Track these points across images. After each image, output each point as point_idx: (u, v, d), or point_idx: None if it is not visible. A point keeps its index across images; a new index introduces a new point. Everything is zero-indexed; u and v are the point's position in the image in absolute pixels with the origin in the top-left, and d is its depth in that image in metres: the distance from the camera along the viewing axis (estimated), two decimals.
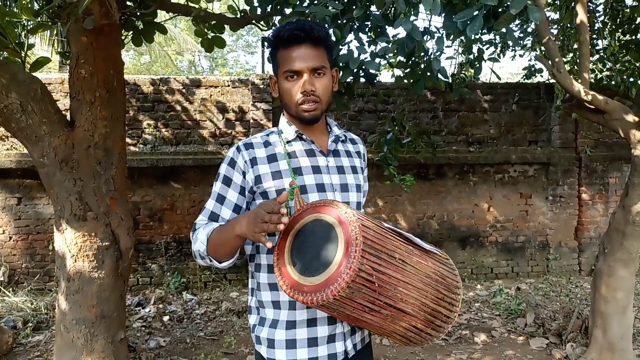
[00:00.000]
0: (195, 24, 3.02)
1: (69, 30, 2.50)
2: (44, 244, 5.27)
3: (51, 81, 5.26)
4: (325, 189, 1.28)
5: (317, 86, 1.25)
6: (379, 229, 1.09)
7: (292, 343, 1.23)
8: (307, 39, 1.23)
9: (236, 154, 1.28)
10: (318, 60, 1.24)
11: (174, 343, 3.89)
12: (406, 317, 1.09)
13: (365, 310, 1.04)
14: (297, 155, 1.30)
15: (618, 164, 5.97)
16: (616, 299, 3.18)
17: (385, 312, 1.06)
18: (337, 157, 1.35)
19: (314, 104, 1.25)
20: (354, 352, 1.30)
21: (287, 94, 1.27)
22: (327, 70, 1.28)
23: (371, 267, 1.00)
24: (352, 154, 1.41)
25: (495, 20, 2.17)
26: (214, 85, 5.62)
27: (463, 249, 5.89)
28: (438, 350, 3.67)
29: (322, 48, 1.26)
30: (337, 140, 1.37)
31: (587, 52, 3.12)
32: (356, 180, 1.36)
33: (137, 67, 15.45)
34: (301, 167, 1.28)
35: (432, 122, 5.91)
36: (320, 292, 0.99)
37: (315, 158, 1.31)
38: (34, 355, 3.60)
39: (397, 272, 1.05)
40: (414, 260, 1.11)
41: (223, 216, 1.27)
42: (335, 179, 1.31)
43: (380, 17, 2.57)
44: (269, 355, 1.25)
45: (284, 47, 1.25)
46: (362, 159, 1.45)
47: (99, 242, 2.59)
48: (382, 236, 1.07)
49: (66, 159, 2.51)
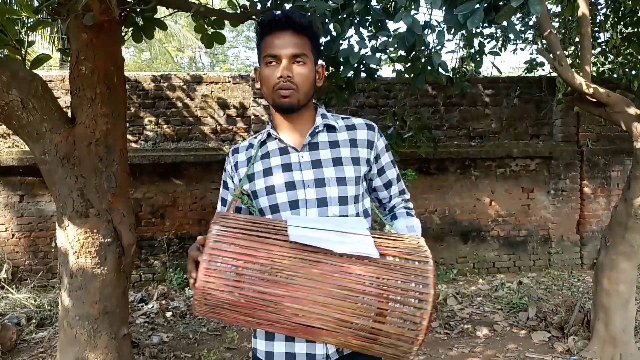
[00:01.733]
0: (195, 20, 3.01)
1: (68, 27, 2.49)
2: (46, 241, 5.29)
3: (52, 78, 5.26)
4: (295, 187, 1.25)
5: (295, 73, 1.22)
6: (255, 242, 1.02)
7: (270, 335, 1.24)
8: (289, 26, 1.22)
9: (227, 160, 1.38)
10: (298, 48, 1.22)
11: (177, 339, 3.91)
12: (324, 332, 1.01)
13: (252, 324, 1.05)
14: (270, 155, 1.30)
15: (620, 157, 5.95)
16: (618, 292, 3.18)
17: (281, 326, 1.02)
18: (315, 151, 1.28)
19: (289, 90, 1.22)
20: (337, 355, 1.22)
21: (265, 79, 1.25)
22: (309, 60, 1.25)
23: (226, 285, 0.99)
24: (344, 143, 1.30)
25: (496, 13, 2.16)
26: (215, 81, 5.62)
27: (465, 243, 5.89)
28: (440, 345, 3.68)
29: (304, 37, 1.24)
30: (315, 133, 1.30)
31: (588, 45, 3.11)
32: (339, 172, 1.26)
33: (138, 64, 15.43)
34: (272, 167, 1.28)
35: (433, 117, 5.90)
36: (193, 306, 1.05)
37: (288, 155, 1.29)
38: (37, 351, 3.62)
39: (277, 287, 0.98)
40: (316, 272, 1.00)
41: None
42: (308, 174, 1.26)
43: (381, 11, 2.56)
44: (253, 344, 1.30)
45: (267, 34, 1.25)
46: (366, 147, 1.32)
47: (101, 238, 2.60)
48: (256, 250, 1.01)
49: (67, 156, 2.52)
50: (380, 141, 1.36)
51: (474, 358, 3.44)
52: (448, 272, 5.61)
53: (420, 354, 3.53)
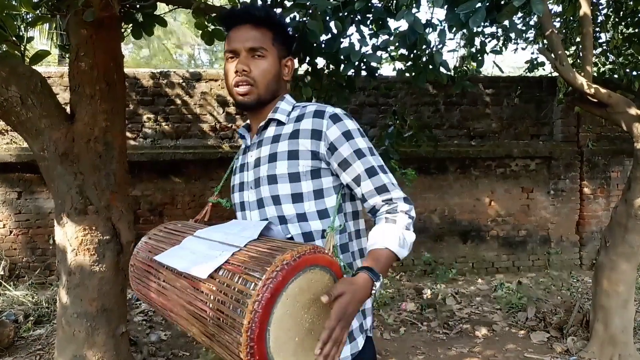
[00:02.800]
0: (196, 17, 3.00)
1: (68, 23, 2.48)
2: (44, 238, 5.27)
3: (50, 75, 5.24)
4: (243, 188, 1.24)
5: (253, 67, 1.17)
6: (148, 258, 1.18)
7: None
8: (247, 20, 1.19)
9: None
10: (256, 41, 1.18)
11: (175, 337, 3.90)
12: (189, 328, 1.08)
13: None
14: (239, 154, 1.34)
15: (620, 158, 5.95)
16: (618, 293, 3.18)
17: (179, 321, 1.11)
18: (258, 149, 1.21)
19: (247, 86, 1.17)
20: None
21: (226, 76, 1.22)
22: (269, 53, 1.19)
23: (140, 285, 1.20)
24: (284, 137, 1.16)
25: (497, 12, 2.15)
26: (214, 78, 5.60)
27: (464, 243, 5.89)
28: (439, 344, 3.67)
29: (264, 30, 1.19)
30: (265, 128, 1.23)
31: (590, 45, 3.10)
32: (271, 169, 1.14)
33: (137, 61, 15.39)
34: (237, 166, 1.31)
35: (433, 116, 5.89)
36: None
37: (245, 155, 1.28)
38: (35, 349, 3.61)
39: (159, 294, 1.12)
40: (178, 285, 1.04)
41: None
42: (250, 175, 1.22)
43: (382, 10, 2.55)
44: None
45: (229, 30, 1.23)
46: (310, 137, 1.13)
47: (99, 236, 2.58)
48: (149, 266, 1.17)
49: (66, 153, 2.50)
50: (334, 128, 1.12)
51: (472, 358, 3.43)
52: (447, 271, 5.60)
53: (419, 353, 3.52)
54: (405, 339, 3.80)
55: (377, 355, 3.44)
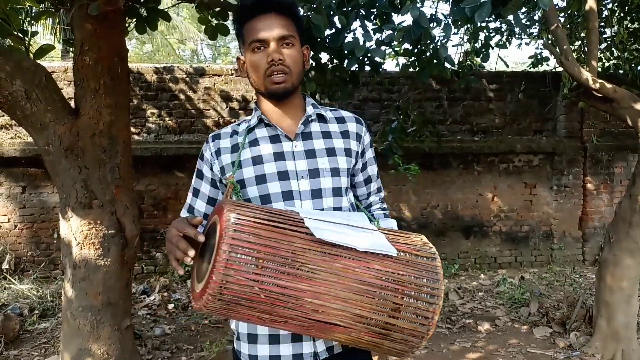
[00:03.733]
0: (199, 11, 3.00)
1: (72, 17, 2.47)
2: (48, 232, 5.30)
3: (54, 69, 5.24)
4: (288, 177, 1.19)
5: (286, 55, 1.16)
6: (275, 233, 0.95)
7: (253, 338, 1.19)
8: (272, 8, 1.17)
9: (205, 146, 1.28)
10: (286, 29, 1.17)
11: (179, 330, 3.92)
12: (340, 329, 0.98)
13: (267, 321, 0.96)
14: (259, 142, 1.22)
15: (624, 154, 5.93)
16: (621, 288, 3.18)
17: (298, 322, 0.96)
18: (308, 140, 1.23)
19: (282, 74, 1.16)
20: (326, 354, 1.17)
21: (254, 66, 1.18)
22: (296, 41, 1.20)
23: (246, 278, 0.90)
24: (334, 135, 1.26)
25: (503, 7, 2.14)
26: (218, 74, 5.60)
27: (467, 238, 5.89)
28: (442, 339, 3.68)
29: (289, 18, 1.19)
30: (309, 121, 1.26)
31: (595, 40, 3.09)
32: (332, 163, 1.22)
33: (140, 56, 15.39)
34: (262, 155, 1.20)
35: (436, 111, 5.88)
36: (198, 300, 0.94)
37: (280, 144, 1.22)
38: (40, 342, 3.64)
39: (300, 281, 0.93)
40: (338, 266, 0.96)
41: (198, 209, 1.28)
42: (301, 164, 1.20)
43: (387, 4, 2.54)
44: (237, 347, 1.24)
45: (249, 20, 1.19)
46: (356, 140, 1.29)
47: (104, 230, 2.60)
48: (277, 241, 0.94)
49: (71, 147, 2.51)
50: (367, 135, 1.33)
51: (475, 353, 3.44)
52: (450, 267, 5.61)
53: (422, 348, 3.53)
54: None
55: None
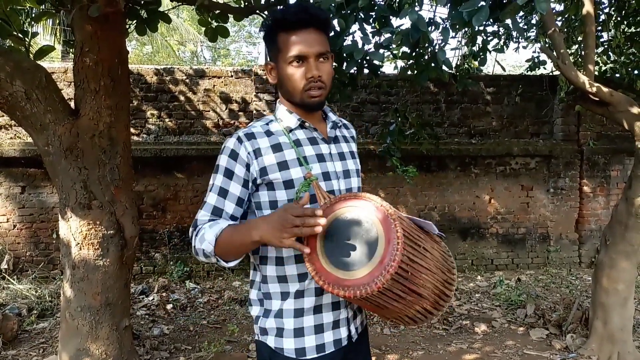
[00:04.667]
0: (200, 13, 3.02)
1: (73, 18, 2.49)
2: (47, 233, 5.30)
3: (54, 70, 5.25)
4: (330, 177, 1.27)
5: (323, 72, 1.23)
6: (406, 219, 1.14)
7: (299, 331, 1.23)
8: (312, 23, 1.21)
9: (237, 145, 1.22)
10: (323, 46, 1.22)
11: (178, 331, 3.93)
12: (422, 301, 1.13)
13: (394, 299, 1.07)
14: (301, 144, 1.27)
15: (620, 157, 5.96)
16: (617, 291, 3.20)
17: (409, 298, 1.09)
18: (338, 144, 1.35)
19: (319, 90, 1.23)
20: (357, 335, 1.32)
21: (292, 79, 1.23)
22: (330, 55, 1.26)
23: (409, 258, 1.05)
24: (348, 139, 1.42)
25: (500, 11, 2.16)
26: (218, 75, 5.62)
27: (464, 240, 5.91)
28: (439, 340, 3.70)
29: (324, 33, 1.25)
30: (335, 127, 1.37)
31: (592, 44, 3.11)
32: (355, 165, 1.38)
33: (140, 58, 15.40)
34: (306, 156, 1.25)
35: (434, 114, 5.91)
36: (364, 286, 1.02)
37: (319, 146, 1.29)
38: (38, 342, 3.64)
39: (423, 260, 1.10)
40: (429, 247, 1.16)
41: (227, 210, 1.23)
42: (338, 166, 1.31)
43: (385, 8, 2.57)
44: (276, 345, 1.24)
45: (286, 31, 1.21)
46: (355, 144, 1.47)
47: (103, 230, 2.61)
48: (409, 226, 1.12)
49: (71, 148, 2.53)
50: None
51: (472, 354, 3.46)
52: None
53: (419, 349, 3.55)
54: (405, 334, 3.83)
55: (377, 350, 3.46)
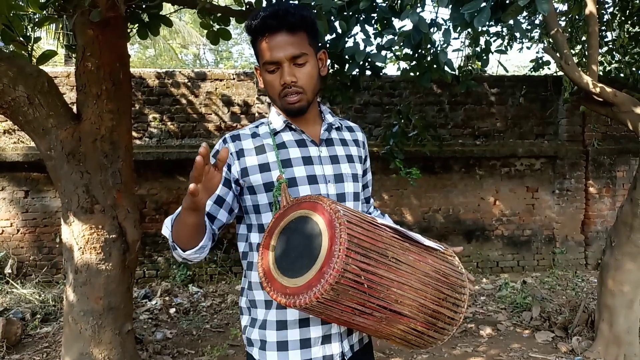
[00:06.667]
0: (201, 16, 3.01)
1: (75, 23, 2.50)
2: (51, 237, 5.31)
3: (57, 75, 5.27)
4: (317, 181, 1.21)
5: (299, 76, 1.17)
6: (369, 225, 1.01)
7: (283, 345, 1.17)
8: (282, 26, 1.14)
9: (222, 146, 1.24)
10: (296, 47, 1.15)
11: (181, 335, 3.92)
12: (403, 320, 1.03)
13: (355, 313, 0.98)
14: (286, 146, 1.23)
15: (625, 158, 5.92)
16: (623, 293, 3.17)
17: (378, 314, 0.99)
18: (331, 147, 1.28)
19: (296, 95, 1.18)
20: (351, 353, 1.23)
21: (270, 86, 1.20)
22: (309, 56, 1.18)
23: (358, 267, 0.93)
24: (349, 142, 1.34)
25: (502, 12, 2.15)
26: (219, 78, 5.62)
27: (469, 242, 5.88)
28: (444, 344, 3.67)
29: (301, 32, 1.17)
30: (331, 129, 1.31)
31: (596, 44, 3.09)
32: (352, 169, 1.29)
33: (142, 61, 15.46)
34: (290, 158, 1.22)
35: (438, 115, 5.89)
36: (302, 295, 0.93)
37: (307, 148, 1.24)
38: (42, 346, 3.64)
39: (390, 271, 0.98)
40: (411, 259, 1.04)
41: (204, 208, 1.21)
42: (328, 169, 1.24)
43: (387, 9, 2.56)
44: (260, 358, 1.19)
45: (260, 37, 1.17)
46: (362, 148, 1.38)
47: (106, 234, 2.61)
48: (373, 233, 1.00)
49: (73, 152, 2.53)
50: (366, 145, 1.43)
51: (477, 357, 3.43)
52: None
53: (423, 352, 3.53)
54: None
55: (381, 354, 3.44)
